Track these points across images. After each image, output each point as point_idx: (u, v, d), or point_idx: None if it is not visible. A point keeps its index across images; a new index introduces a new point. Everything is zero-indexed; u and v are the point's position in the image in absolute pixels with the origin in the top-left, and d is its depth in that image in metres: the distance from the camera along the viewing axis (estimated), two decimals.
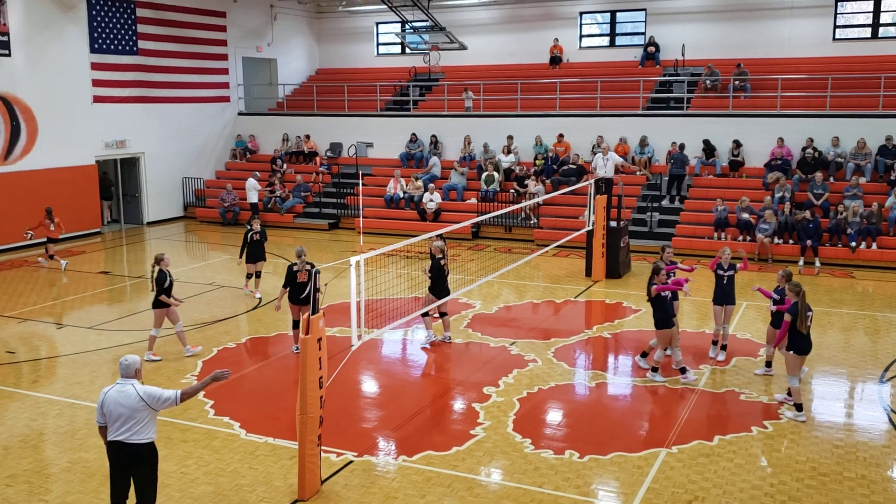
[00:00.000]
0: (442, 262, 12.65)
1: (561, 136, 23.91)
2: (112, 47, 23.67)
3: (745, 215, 19.65)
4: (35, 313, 15.03)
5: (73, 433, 9.56)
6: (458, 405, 10.50)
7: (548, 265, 19.13)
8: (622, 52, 27.48)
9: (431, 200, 23.08)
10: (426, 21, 25.39)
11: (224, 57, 27.76)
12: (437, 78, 28.56)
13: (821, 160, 20.87)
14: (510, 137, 24.31)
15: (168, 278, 11.96)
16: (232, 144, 28.52)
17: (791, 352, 9.93)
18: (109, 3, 23.41)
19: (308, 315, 7.77)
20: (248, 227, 15.59)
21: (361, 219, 21.74)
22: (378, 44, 31.41)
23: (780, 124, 21.71)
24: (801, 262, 18.68)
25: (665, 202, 22.00)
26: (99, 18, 23.19)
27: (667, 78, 25.06)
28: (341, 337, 12.70)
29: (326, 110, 28.16)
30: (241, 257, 15.67)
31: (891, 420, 9.96)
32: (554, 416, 10.20)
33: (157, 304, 12.00)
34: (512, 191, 22.85)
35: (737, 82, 23.43)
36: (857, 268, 18.49)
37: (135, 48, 24.38)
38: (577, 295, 16.22)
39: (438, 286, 12.62)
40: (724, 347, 12.12)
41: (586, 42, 28.32)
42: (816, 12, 24.65)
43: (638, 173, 22.67)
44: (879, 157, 20.50)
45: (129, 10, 24.07)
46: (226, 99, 28.06)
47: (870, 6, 24.57)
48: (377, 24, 31.04)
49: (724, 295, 11.91)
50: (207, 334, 13.42)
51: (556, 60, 27.28)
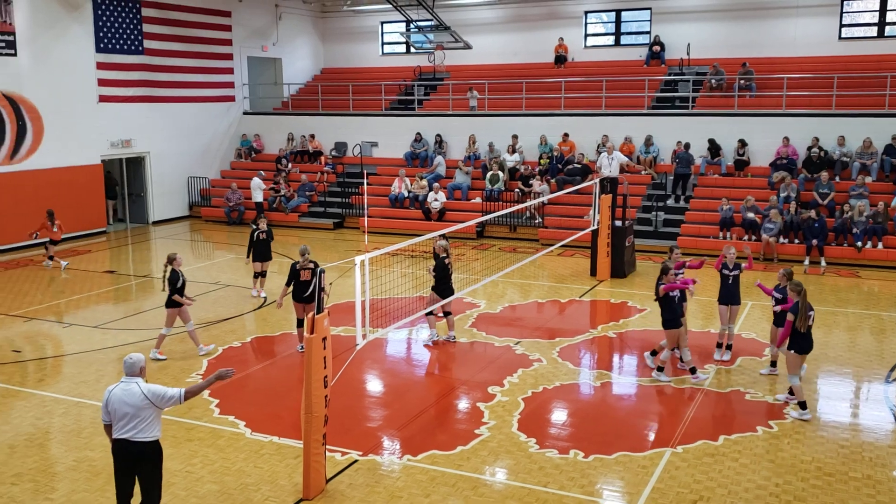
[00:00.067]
0: (446, 261, 12.65)
1: (566, 135, 23.90)
2: (117, 47, 23.72)
3: (751, 215, 19.61)
4: (41, 312, 15.07)
5: (78, 432, 9.58)
6: (463, 405, 10.50)
7: (552, 265, 19.12)
8: (627, 52, 27.44)
9: (436, 200, 23.07)
10: (431, 20, 25.39)
11: (229, 56, 27.79)
12: (442, 77, 28.54)
13: (826, 159, 20.81)
14: (515, 137, 24.30)
15: (181, 278, 11.99)
16: (237, 144, 28.56)
17: (792, 351, 9.93)
18: (115, 2, 23.45)
19: (313, 314, 7.78)
20: (255, 227, 15.61)
21: (366, 218, 21.78)
22: (383, 43, 31.43)
23: (786, 123, 21.65)
24: (806, 262, 18.64)
25: (670, 201, 21.97)
26: (104, 18, 23.24)
27: (672, 77, 25.02)
28: (346, 336, 12.69)
29: (331, 110, 28.19)
30: (248, 256, 15.71)
31: None
32: (559, 415, 10.19)
33: (170, 304, 12.03)
34: (517, 190, 22.84)
35: (742, 81, 23.38)
36: (862, 267, 18.45)
37: (140, 48, 24.43)
38: (581, 294, 16.21)
39: (442, 285, 12.62)
40: (729, 347, 12.09)
41: (591, 41, 28.29)
42: (822, 11, 24.58)
43: (643, 173, 22.65)
44: (885, 156, 20.42)
45: (134, 10, 24.11)
46: (231, 98, 28.10)
47: (876, 5, 24.47)
48: (382, 23, 31.06)
49: (729, 295, 11.89)
50: (213, 333, 13.44)
51: (560, 60, 27.26)
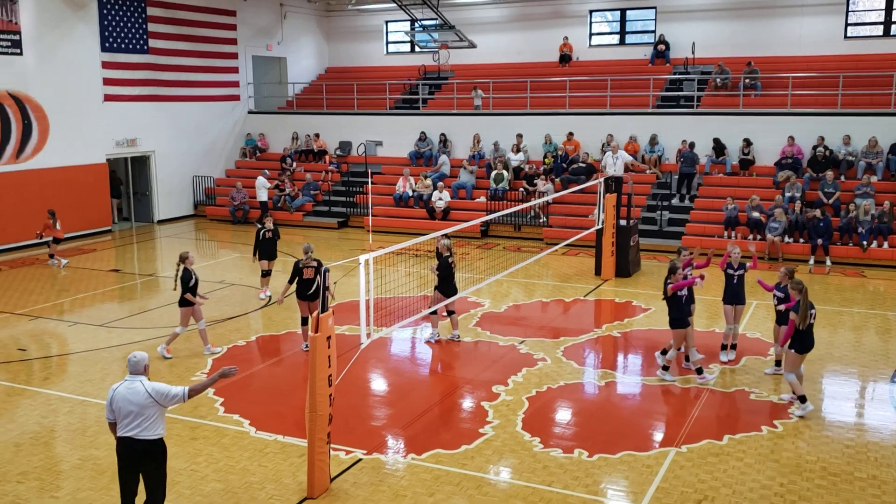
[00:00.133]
0: (449, 259, 12.65)
1: (570, 134, 23.88)
2: (123, 46, 23.77)
3: (756, 214, 19.57)
4: (46, 311, 15.11)
5: (83, 430, 9.61)
6: (467, 404, 10.50)
7: (557, 264, 19.11)
8: (632, 51, 27.40)
9: (440, 199, 23.07)
10: (436, 19, 25.39)
11: (234, 55, 27.83)
12: (447, 76, 28.54)
13: (832, 159, 20.76)
14: (519, 136, 24.28)
15: (193, 276, 12.01)
16: (242, 143, 28.60)
17: (793, 350, 9.91)
18: (120, 1, 23.50)
19: (317, 312, 7.79)
20: (261, 226, 15.62)
21: (370, 217, 21.79)
22: (387, 42, 31.43)
23: (791, 122, 21.60)
24: (811, 261, 18.60)
25: (675, 201, 21.93)
26: (110, 17, 23.29)
27: (677, 76, 24.97)
28: (350, 335, 12.72)
29: (336, 109, 28.20)
30: (254, 255, 15.72)
31: None
32: (563, 414, 10.19)
33: (183, 303, 12.05)
34: (521, 189, 22.82)
35: (747, 80, 23.32)
36: (868, 267, 18.39)
37: (145, 47, 24.48)
38: (586, 294, 16.20)
39: (446, 284, 12.62)
40: (733, 347, 12.07)
41: (596, 40, 28.25)
42: (828, 10, 24.50)
43: (648, 172, 22.61)
44: (891, 155, 20.37)
45: (139, 9, 24.16)
46: (236, 97, 28.13)
47: (882, 3, 24.37)
48: (387, 22, 31.06)
49: (734, 294, 11.86)
50: (217, 332, 13.45)
51: (565, 59, 27.22)
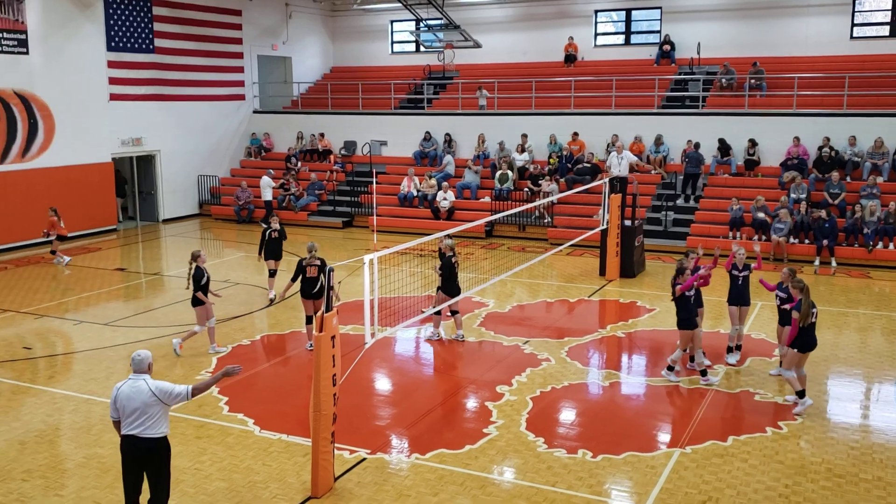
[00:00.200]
0: (453, 259, 12.64)
1: (575, 134, 23.86)
2: (128, 45, 23.82)
3: (761, 215, 19.53)
4: (51, 309, 15.15)
5: (88, 429, 9.63)
6: (471, 404, 10.50)
7: (561, 264, 19.09)
8: (637, 51, 27.37)
9: (445, 199, 23.07)
10: (441, 19, 25.40)
11: (239, 55, 27.86)
12: (452, 76, 28.53)
13: (837, 159, 20.71)
14: (524, 136, 24.27)
15: (205, 275, 12.03)
16: (247, 142, 28.63)
17: (795, 349, 9.89)
18: (126, 1, 23.54)
19: (322, 312, 7.79)
20: (267, 226, 15.62)
21: (375, 217, 21.81)
22: (392, 42, 31.44)
23: (797, 123, 21.54)
24: (817, 262, 18.55)
25: (680, 201, 21.90)
26: (116, 17, 23.34)
27: (682, 76, 24.94)
28: (354, 335, 12.71)
29: (341, 108, 28.22)
30: (259, 254, 15.73)
31: None
32: (567, 415, 10.18)
33: (196, 302, 12.06)
34: (526, 189, 22.81)
35: (753, 81, 23.28)
36: (873, 268, 18.34)
37: (151, 46, 24.52)
38: (590, 294, 16.18)
39: (450, 284, 12.62)
40: (738, 348, 12.05)
41: (601, 40, 28.23)
42: (834, 10, 24.44)
43: (653, 172, 22.58)
44: None
45: (145, 9, 24.20)
46: (241, 97, 28.17)
47: (888, 4, 24.31)
48: (392, 22, 31.07)
49: (738, 295, 11.85)
50: (222, 331, 13.45)
51: (570, 59, 27.21)
